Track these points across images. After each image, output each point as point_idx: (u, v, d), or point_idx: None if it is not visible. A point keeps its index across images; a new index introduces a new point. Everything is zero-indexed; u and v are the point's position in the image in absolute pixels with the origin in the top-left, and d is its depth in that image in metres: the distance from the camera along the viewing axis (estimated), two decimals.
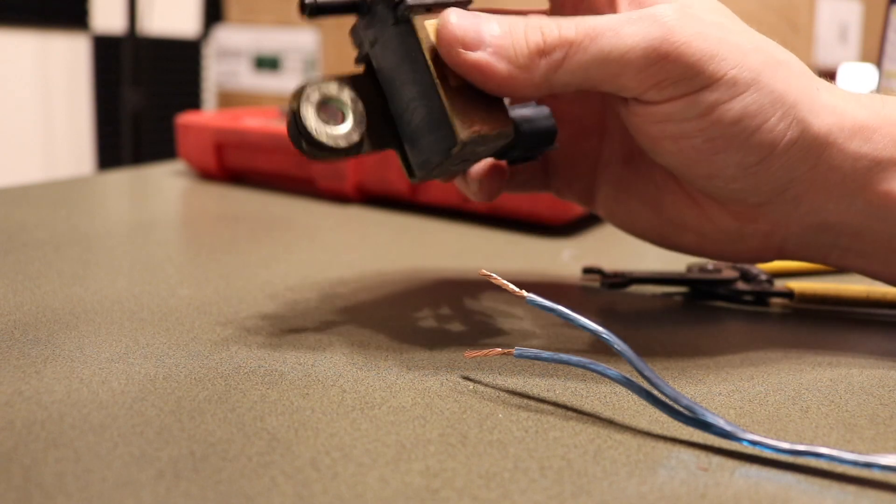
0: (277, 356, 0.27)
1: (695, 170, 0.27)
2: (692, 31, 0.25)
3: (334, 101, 0.27)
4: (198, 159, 0.62)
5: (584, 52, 0.25)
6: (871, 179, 0.27)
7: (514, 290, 0.25)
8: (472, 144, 0.26)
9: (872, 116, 0.27)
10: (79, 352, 0.26)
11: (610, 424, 0.23)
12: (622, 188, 0.32)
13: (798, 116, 0.26)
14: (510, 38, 0.25)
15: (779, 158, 0.26)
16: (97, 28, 1.95)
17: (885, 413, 0.24)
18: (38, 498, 0.18)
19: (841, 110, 0.27)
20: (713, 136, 0.26)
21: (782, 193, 0.27)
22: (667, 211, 0.30)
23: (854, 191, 0.27)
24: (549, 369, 0.27)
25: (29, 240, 0.41)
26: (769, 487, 0.19)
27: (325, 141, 0.26)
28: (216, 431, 0.21)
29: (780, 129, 0.26)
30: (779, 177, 0.27)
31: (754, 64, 0.25)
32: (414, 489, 0.19)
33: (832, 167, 0.27)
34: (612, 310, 0.34)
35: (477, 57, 0.25)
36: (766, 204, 0.28)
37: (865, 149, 0.27)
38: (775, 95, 0.25)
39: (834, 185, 0.27)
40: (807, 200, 0.28)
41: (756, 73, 0.25)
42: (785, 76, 0.26)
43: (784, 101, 0.26)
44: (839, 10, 0.97)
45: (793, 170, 0.27)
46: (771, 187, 0.27)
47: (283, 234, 0.45)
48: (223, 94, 1.83)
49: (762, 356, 0.29)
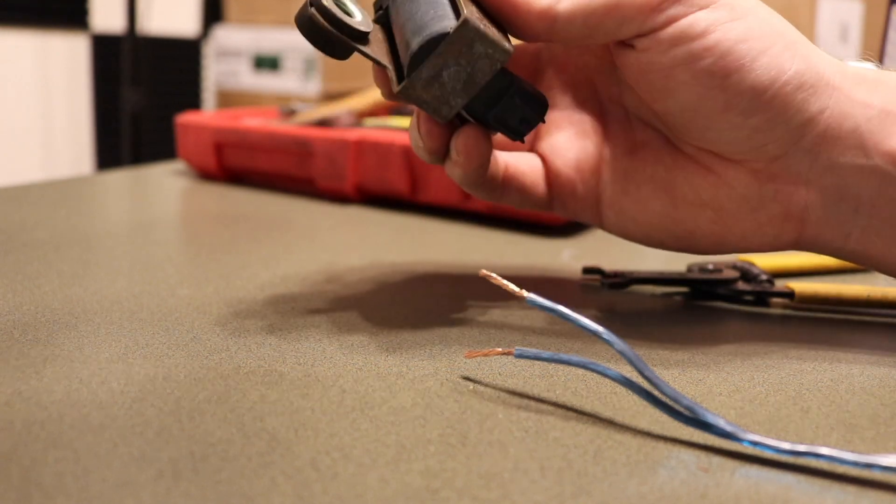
0: (277, 356, 0.27)
1: (711, 102, 0.27)
2: None
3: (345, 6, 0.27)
4: (198, 159, 0.62)
5: None
6: (885, 134, 0.27)
7: (514, 290, 0.25)
8: (475, 35, 0.25)
9: (871, 74, 0.28)
10: (78, 352, 0.26)
11: (610, 424, 0.23)
12: (630, 179, 0.31)
13: (801, 51, 0.27)
14: None
15: (790, 89, 0.27)
16: (97, 28, 1.95)
17: (885, 413, 0.24)
18: (38, 498, 0.18)
19: (839, 62, 0.28)
20: (722, 55, 0.26)
21: (798, 141, 0.28)
22: (680, 189, 0.30)
23: (869, 145, 0.27)
24: (549, 369, 0.27)
25: (29, 240, 0.41)
26: (769, 488, 0.19)
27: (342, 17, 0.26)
28: (216, 432, 0.21)
29: (787, 57, 0.27)
30: (793, 113, 0.27)
31: (749, 3, 0.27)
32: (414, 489, 0.19)
33: (843, 113, 0.27)
34: (612, 310, 0.34)
35: None
36: (783, 157, 0.28)
37: (874, 99, 0.27)
38: (775, 28, 0.27)
39: (847, 135, 0.27)
40: (823, 149, 0.28)
41: (752, 6, 0.27)
42: (779, 20, 0.27)
43: (784, 36, 0.27)
44: (839, 10, 0.97)
45: (806, 108, 0.27)
46: (787, 128, 0.27)
47: (283, 234, 0.45)
48: (223, 93, 1.83)
49: (762, 356, 0.29)
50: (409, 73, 0.26)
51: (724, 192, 0.29)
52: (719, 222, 0.30)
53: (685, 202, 0.30)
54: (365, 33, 0.27)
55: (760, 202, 0.29)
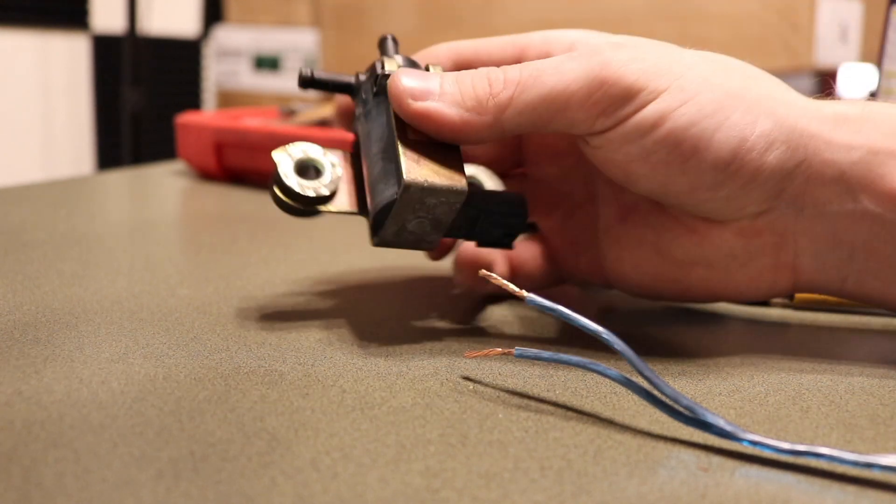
0: (277, 356, 0.27)
1: (675, 186, 0.27)
2: (630, 56, 0.26)
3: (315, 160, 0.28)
4: (198, 159, 0.62)
5: (530, 90, 0.26)
6: (872, 174, 0.26)
7: (514, 290, 0.25)
8: (421, 193, 0.26)
9: (856, 111, 0.26)
10: (79, 352, 0.26)
11: (610, 424, 0.23)
12: (624, 245, 0.31)
13: (766, 110, 0.26)
14: (457, 86, 0.27)
15: (756, 154, 0.26)
16: (97, 28, 1.95)
17: (885, 413, 0.24)
18: (38, 498, 0.18)
19: (816, 105, 0.27)
20: (675, 144, 0.26)
21: (779, 196, 0.27)
22: (670, 250, 0.29)
23: (857, 187, 0.26)
24: (549, 369, 0.27)
25: (29, 240, 0.41)
26: (769, 487, 0.19)
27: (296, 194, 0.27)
28: (216, 431, 0.21)
29: (748, 122, 0.25)
30: (767, 176, 0.26)
31: (701, 72, 0.26)
32: (414, 489, 0.19)
33: (825, 161, 0.26)
34: (612, 310, 0.34)
35: (426, 105, 0.26)
36: (767, 212, 0.27)
37: (858, 139, 0.26)
38: (732, 93, 0.26)
39: (832, 182, 0.26)
40: (808, 200, 0.27)
41: (704, 78, 0.26)
42: (741, 79, 0.26)
43: (744, 96, 0.26)
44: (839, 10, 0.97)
45: (780, 167, 0.26)
46: (763, 189, 0.26)
47: (283, 234, 0.45)
48: (223, 94, 1.83)
49: (762, 356, 0.29)
50: (374, 231, 0.28)
51: (710, 251, 0.29)
52: (711, 279, 0.29)
53: (675, 262, 0.30)
54: (326, 197, 0.28)
55: (749, 258, 0.28)
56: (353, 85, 0.29)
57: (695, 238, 0.29)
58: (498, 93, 0.26)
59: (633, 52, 0.26)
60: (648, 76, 0.26)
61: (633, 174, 0.27)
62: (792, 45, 0.94)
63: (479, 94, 0.26)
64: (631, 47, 0.27)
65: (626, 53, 0.26)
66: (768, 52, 0.95)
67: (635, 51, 0.26)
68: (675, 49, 0.27)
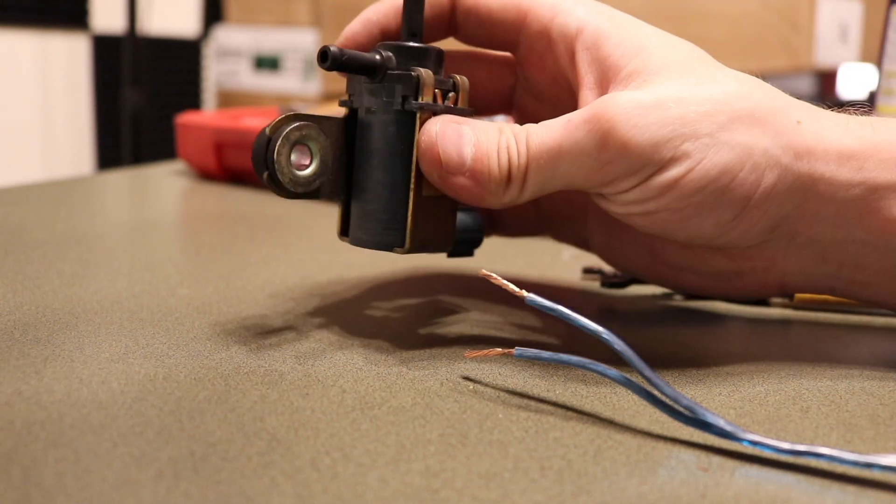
0: (277, 356, 0.27)
1: (673, 235, 0.27)
2: (628, 126, 0.25)
3: (309, 142, 0.27)
4: (198, 159, 0.62)
5: (542, 171, 0.26)
6: (868, 208, 0.26)
7: (514, 290, 0.25)
8: (416, 250, 0.27)
9: (861, 143, 0.26)
10: (79, 352, 0.26)
11: (610, 424, 0.23)
12: (614, 235, 0.31)
13: (772, 161, 0.25)
14: (487, 162, 0.26)
15: (758, 207, 0.26)
16: (97, 28, 1.95)
17: (885, 413, 0.24)
18: (38, 498, 0.18)
19: (826, 141, 0.26)
20: (679, 208, 0.26)
21: (774, 231, 0.27)
22: (661, 255, 0.30)
23: (852, 220, 0.26)
24: (549, 369, 0.27)
25: (29, 240, 0.41)
26: (769, 487, 0.19)
27: (287, 184, 0.27)
28: (216, 431, 0.21)
29: (753, 180, 0.25)
30: (765, 221, 0.26)
31: (706, 130, 0.25)
32: (414, 489, 0.19)
33: (824, 200, 0.26)
34: (612, 310, 0.34)
35: (456, 181, 0.26)
36: (760, 244, 0.28)
37: (859, 176, 0.26)
38: (738, 150, 0.25)
39: (829, 218, 0.26)
40: (802, 234, 0.27)
41: (710, 137, 0.25)
42: (747, 129, 0.25)
43: (751, 152, 0.25)
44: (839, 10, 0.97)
45: (779, 210, 0.26)
46: (759, 231, 0.27)
47: (283, 234, 0.45)
48: (223, 94, 1.83)
49: (762, 356, 0.29)
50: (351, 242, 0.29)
51: (701, 265, 0.29)
52: (701, 283, 0.30)
53: (667, 265, 0.30)
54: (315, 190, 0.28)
55: (737, 276, 0.29)
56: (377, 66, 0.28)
57: (688, 252, 0.29)
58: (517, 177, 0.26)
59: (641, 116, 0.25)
60: (653, 148, 0.25)
61: (632, 223, 0.27)
62: (792, 45, 0.94)
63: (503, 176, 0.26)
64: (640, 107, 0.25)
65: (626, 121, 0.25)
66: (768, 52, 0.95)
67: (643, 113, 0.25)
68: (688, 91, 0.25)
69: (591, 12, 0.28)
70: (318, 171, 0.27)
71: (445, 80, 0.28)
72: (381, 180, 0.28)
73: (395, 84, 0.27)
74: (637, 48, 0.26)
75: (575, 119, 0.25)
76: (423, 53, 0.28)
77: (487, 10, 0.29)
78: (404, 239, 0.27)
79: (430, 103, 0.27)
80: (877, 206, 0.26)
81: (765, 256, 0.28)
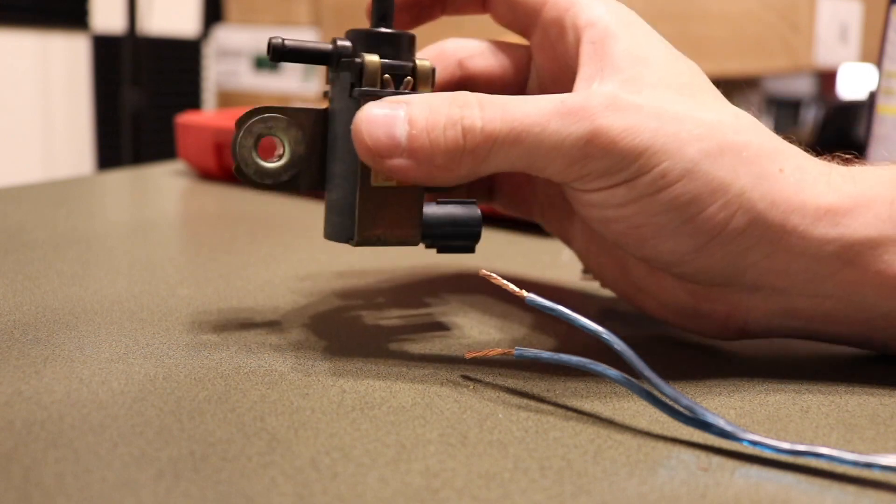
0: (277, 356, 0.27)
1: (631, 249, 0.27)
2: (623, 126, 0.24)
3: (277, 133, 0.27)
4: (198, 159, 0.62)
5: (510, 147, 0.24)
6: (842, 264, 0.25)
7: (514, 290, 0.25)
8: (371, 243, 0.27)
9: (842, 199, 0.25)
10: (79, 352, 0.26)
11: (610, 424, 0.23)
12: (593, 241, 0.31)
13: (745, 205, 0.25)
14: (426, 137, 0.24)
15: (721, 246, 0.25)
16: (97, 28, 1.95)
17: (885, 413, 0.24)
18: (38, 498, 0.18)
19: (805, 193, 0.25)
20: (638, 224, 0.25)
21: (738, 278, 0.26)
22: (630, 273, 0.30)
23: (824, 276, 0.25)
24: (549, 369, 0.27)
25: (29, 240, 0.41)
26: (769, 487, 0.19)
27: (252, 175, 0.27)
28: (216, 431, 0.21)
29: (722, 218, 0.25)
30: (728, 263, 0.26)
31: (692, 154, 0.24)
32: (414, 489, 0.19)
33: (795, 254, 0.25)
34: (612, 310, 0.34)
35: (393, 163, 0.25)
36: (722, 286, 0.27)
37: (833, 233, 0.25)
38: (715, 184, 0.24)
39: (798, 273, 0.26)
40: (767, 286, 0.26)
41: (692, 163, 0.24)
42: (732, 164, 0.25)
43: (727, 189, 0.24)
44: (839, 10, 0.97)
45: (744, 257, 0.25)
46: (721, 272, 0.26)
47: (283, 234, 0.45)
48: (223, 94, 1.83)
49: (762, 356, 0.29)
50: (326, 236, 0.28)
51: (662, 293, 0.29)
52: (663, 313, 0.29)
53: (633, 286, 0.30)
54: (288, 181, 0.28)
55: (697, 314, 0.28)
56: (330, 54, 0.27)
57: (653, 278, 0.29)
58: (473, 147, 0.24)
59: (631, 116, 0.24)
60: (636, 155, 0.24)
61: (594, 224, 0.27)
62: (792, 45, 0.94)
63: (450, 148, 0.24)
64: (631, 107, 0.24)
65: (621, 119, 0.24)
66: (768, 52, 0.95)
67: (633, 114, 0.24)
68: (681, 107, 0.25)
69: (608, 11, 0.27)
70: (288, 163, 0.27)
71: (401, 65, 0.27)
72: (339, 171, 0.27)
73: (345, 72, 0.27)
74: (640, 57, 0.26)
75: (569, 102, 0.24)
76: (391, 39, 0.27)
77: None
78: (354, 232, 0.27)
79: (371, 89, 0.26)
80: (851, 263, 0.25)
81: (727, 301, 0.27)
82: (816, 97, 1.34)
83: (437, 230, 0.28)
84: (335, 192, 0.28)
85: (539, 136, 0.24)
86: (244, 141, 0.27)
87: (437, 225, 0.28)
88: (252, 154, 0.27)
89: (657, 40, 0.27)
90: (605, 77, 0.26)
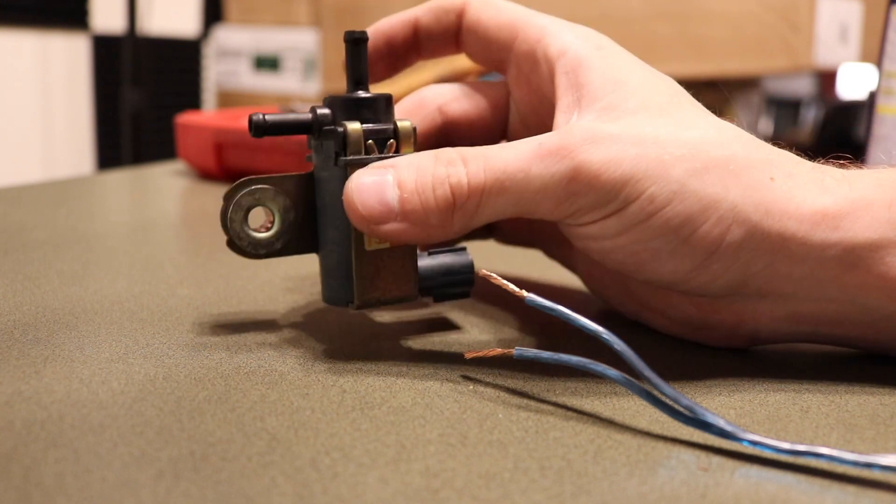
0: (277, 356, 0.27)
1: (633, 275, 0.27)
2: (602, 158, 0.24)
3: (267, 204, 0.28)
4: (198, 159, 0.62)
5: (496, 198, 0.25)
6: (845, 268, 0.25)
7: (514, 290, 0.25)
8: (370, 305, 0.27)
9: (838, 202, 0.25)
10: (79, 352, 0.26)
11: (610, 424, 0.23)
12: (595, 266, 0.31)
13: (739, 217, 0.24)
14: (418, 199, 0.25)
15: (721, 260, 0.25)
16: (97, 28, 1.95)
17: (885, 413, 0.24)
18: (38, 498, 0.18)
19: (799, 200, 0.25)
20: (635, 251, 0.25)
21: (743, 288, 0.26)
22: (635, 293, 0.30)
23: (827, 281, 0.25)
24: (549, 369, 0.27)
25: (29, 240, 0.41)
26: (769, 487, 0.19)
27: (246, 248, 0.27)
28: (216, 431, 0.21)
29: (717, 234, 0.24)
30: (731, 275, 0.26)
31: (677, 175, 0.24)
32: (414, 489, 0.19)
33: (797, 260, 0.25)
34: (612, 310, 0.34)
35: (388, 228, 0.25)
36: (728, 297, 0.27)
37: (833, 237, 0.25)
38: (705, 202, 0.24)
39: (801, 279, 0.25)
40: (773, 293, 0.26)
41: (680, 184, 0.24)
42: (719, 179, 0.24)
43: (718, 205, 0.24)
44: (839, 10, 0.97)
45: (745, 269, 0.25)
46: (724, 285, 0.26)
47: None
48: (223, 94, 1.83)
49: (762, 355, 0.29)
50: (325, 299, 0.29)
51: (669, 310, 0.29)
52: (670, 327, 0.29)
53: (638, 302, 0.30)
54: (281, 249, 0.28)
55: (705, 326, 0.28)
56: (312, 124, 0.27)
57: (658, 294, 0.29)
58: (462, 204, 0.25)
59: (611, 149, 0.24)
60: (621, 185, 0.24)
61: (592, 255, 0.27)
62: (792, 45, 0.94)
63: (442, 207, 0.25)
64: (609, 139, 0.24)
65: (601, 152, 0.24)
66: (768, 52, 0.95)
67: (613, 146, 0.24)
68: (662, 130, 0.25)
69: (578, 38, 0.27)
70: (280, 230, 0.28)
71: (383, 129, 0.27)
72: (331, 237, 0.28)
73: (329, 140, 0.27)
74: (616, 81, 0.26)
75: (547, 143, 0.25)
76: (369, 103, 0.27)
77: (485, 29, 0.30)
78: (354, 297, 0.27)
79: (356, 157, 0.26)
80: (853, 266, 0.25)
81: (734, 311, 0.27)
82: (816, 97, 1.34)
83: (432, 282, 0.29)
84: (329, 257, 0.28)
85: (523, 182, 0.24)
86: (234, 215, 0.27)
87: (432, 277, 0.29)
88: (243, 227, 0.27)
89: (631, 61, 0.27)
90: (583, 107, 0.26)
